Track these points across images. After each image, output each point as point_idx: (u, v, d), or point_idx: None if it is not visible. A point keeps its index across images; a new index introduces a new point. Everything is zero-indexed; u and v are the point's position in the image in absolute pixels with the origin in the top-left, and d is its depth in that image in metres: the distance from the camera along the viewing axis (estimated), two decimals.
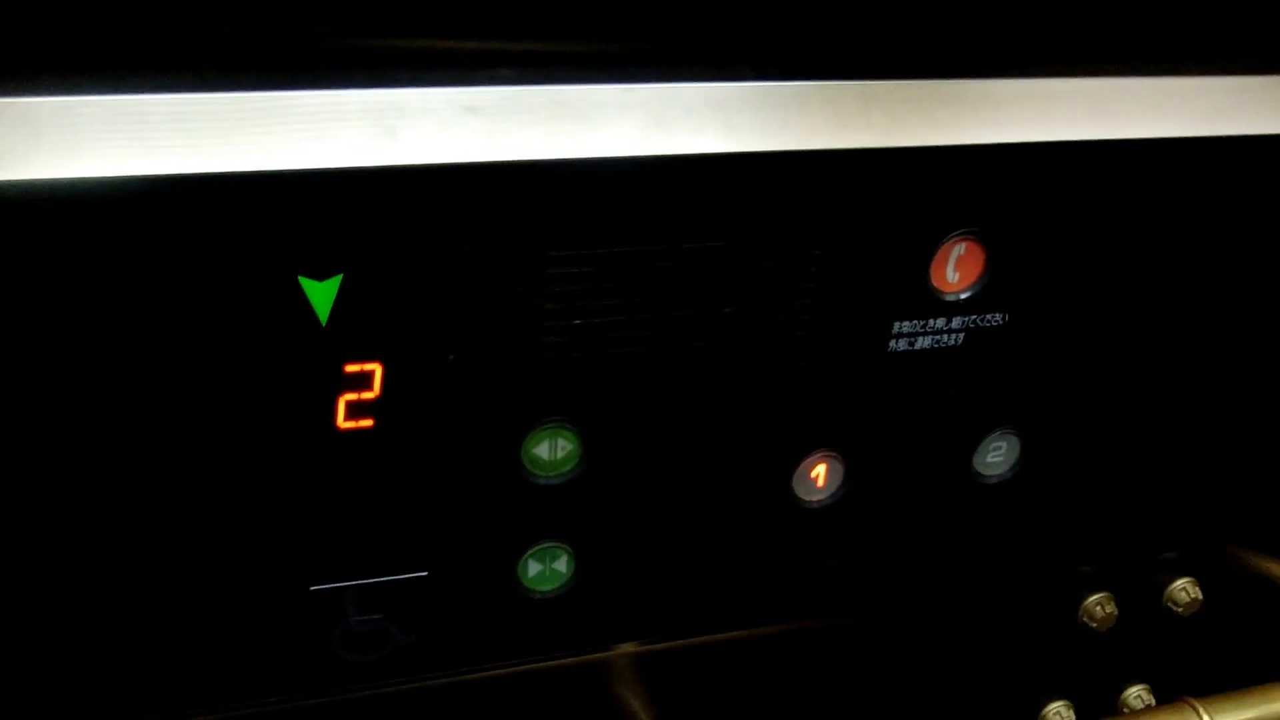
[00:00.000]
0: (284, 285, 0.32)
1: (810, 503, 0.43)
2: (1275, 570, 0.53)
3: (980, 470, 0.45)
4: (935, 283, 0.39)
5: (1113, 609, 0.52)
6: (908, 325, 0.40)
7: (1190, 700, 0.48)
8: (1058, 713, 0.55)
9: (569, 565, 0.41)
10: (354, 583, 0.39)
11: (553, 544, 0.41)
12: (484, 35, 0.32)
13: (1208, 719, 0.47)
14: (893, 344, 0.40)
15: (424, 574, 0.39)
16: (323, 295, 0.33)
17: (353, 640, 0.40)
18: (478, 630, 0.41)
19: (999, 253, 0.40)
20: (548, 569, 0.41)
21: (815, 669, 0.49)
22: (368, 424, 0.36)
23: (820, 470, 0.42)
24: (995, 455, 0.45)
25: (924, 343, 0.40)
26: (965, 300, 0.40)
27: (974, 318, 0.41)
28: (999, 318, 0.41)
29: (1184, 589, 0.53)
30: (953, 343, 0.41)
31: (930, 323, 0.40)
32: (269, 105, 0.30)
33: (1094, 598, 0.52)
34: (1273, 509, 0.52)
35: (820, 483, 0.43)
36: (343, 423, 0.35)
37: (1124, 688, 0.56)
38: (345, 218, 0.32)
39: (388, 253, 0.33)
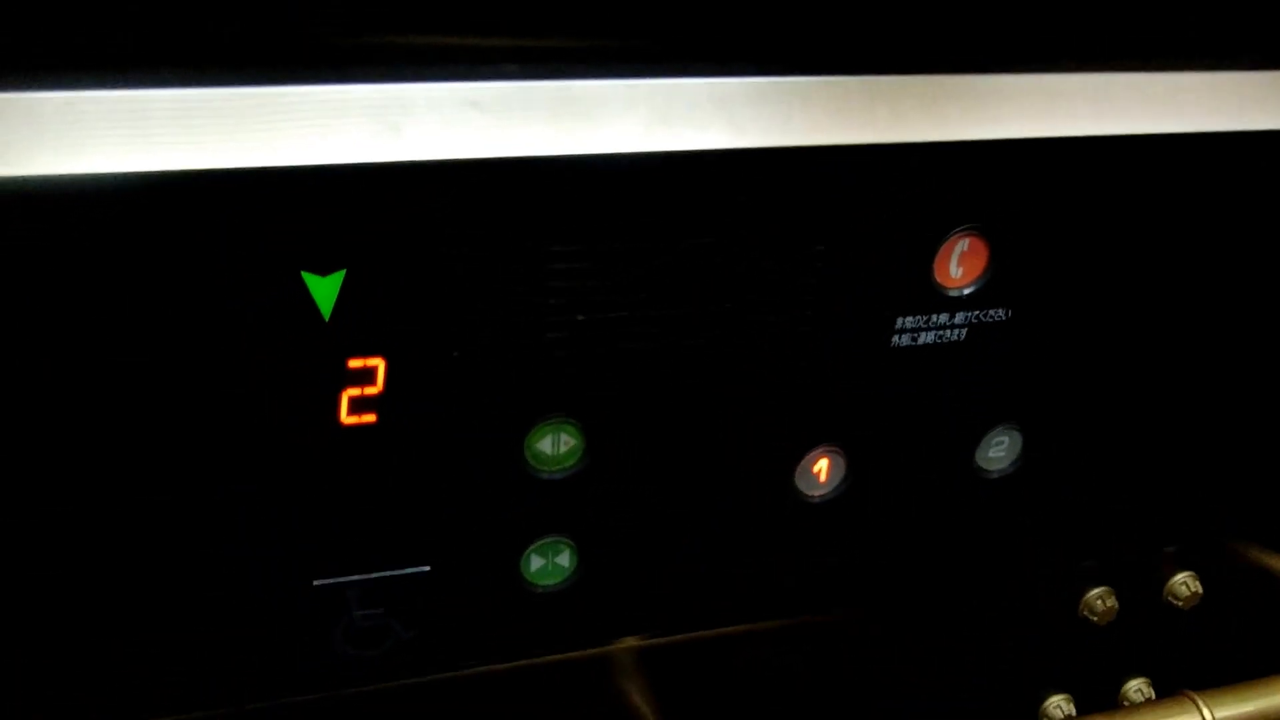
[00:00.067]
0: (287, 281, 0.32)
1: (812, 497, 0.43)
2: (1275, 565, 0.53)
3: (982, 465, 0.45)
4: (938, 278, 0.39)
5: (1113, 603, 0.52)
6: (911, 321, 0.40)
7: (1190, 694, 0.48)
8: (1058, 706, 0.55)
9: (571, 560, 0.41)
10: (356, 578, 0.39)
11: (555, 539, 0.41)
12: (488, 31, 0.32)
13: (1208, 712, 0.47)
14: (895, 339, 0.40)
15: (426, 569, 0.39)
16: (326, 291, 0.33)
17: (355, 635, 0.40)
18: (480, 625, 0.42)
19: (1002, 248, 0.39)
20: (550, 564, 0.41)
21: (817, 663, 0.49)
22: (370, 419, 0.36)
23: (823, 465, 0.42)
24: (997, 450, 0.45)
25: (927, 338, 0.40)
26: (968, 296, 0.40)
27: (977, 313, 0.40)
28: (1002, 313, 0.41)
29: (1184, 583, 0.53)
30: (955, 338, 0.41)
31: (933, 318, 0.40)
32: (272, 101, 0.30)
33: (1095, 592, 0.52)
34: (1273, 504, 0.52)
35: (822, 478, 0.43)
36: (346, 418, 0.35)
37: (1124, 681, 0.56)
38: (348, 213, 0.32)
39: (391, 248, 0.33)
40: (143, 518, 0.35)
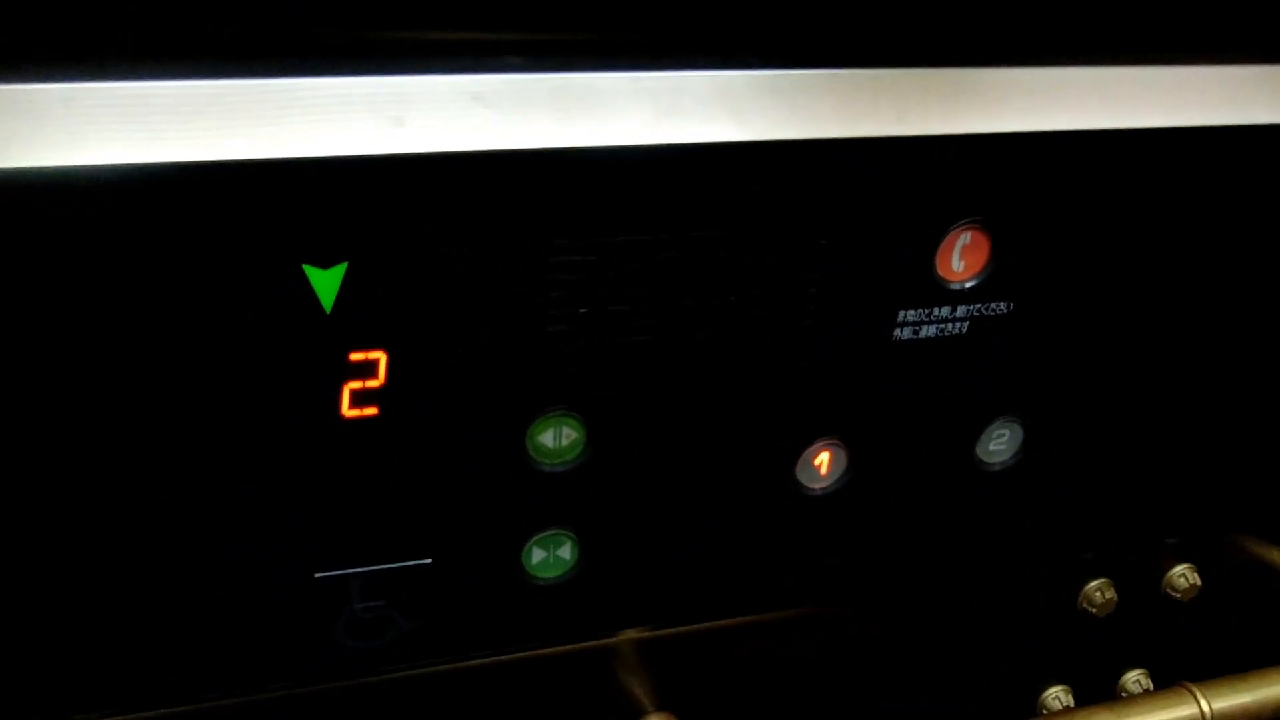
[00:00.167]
0: (289, 274, 0.32)
1: (814, 490, 0.43)
2: (1274, 557, 0.53)
3: (983, 458, 0.45)
4: (940, 272, 0.39)
5: (1112, 595, 0.52)
6: (912, 314, 0.40)
7: (1188, 685, 0.48)
8: (1056, 697, 0.55)
9: (573, 552, 0.41)
10: (358, 570, 0.39)
11: (556, 531, 0.41)
12: (491, 23, 0.32)
13: (1205, 703, 0.48)
14: (897, 333, 0.40)
15: (428, 561, 0.39)
16: (327, 283, 0.33)
17: (356, 627, 0.40)
18: (481, 617, 0.42)
19: (1004, 242, 0.39)
20: (551, 556, 0.41)
21: (818, 655, 0.49)
22: (372, 412, 0.35)
23: (824, 458, 0.42)
24: (998, 443, 0.45)
25: (928, 331, 0.40)
26: (970, 289, 0.40)
27: (978, 306, 0.40)
28: (1003, 307, 0.41)
29: (1183, 575, 0.53)
30: (957, 331, 0.41)
31: (935, 311, 0.40)
32: (274, 93, 0.30)
33: (1094, 584, 0.52)
34: (1272, 497, 0.52)
35: (824, 470, 0.43)
36: (347, 411, 0.35)
37: (1123, 672, 0.56)
38: (350, 206, 0.32)
39: (393, 241, 0.33)
40: (144, 510, 0.35)
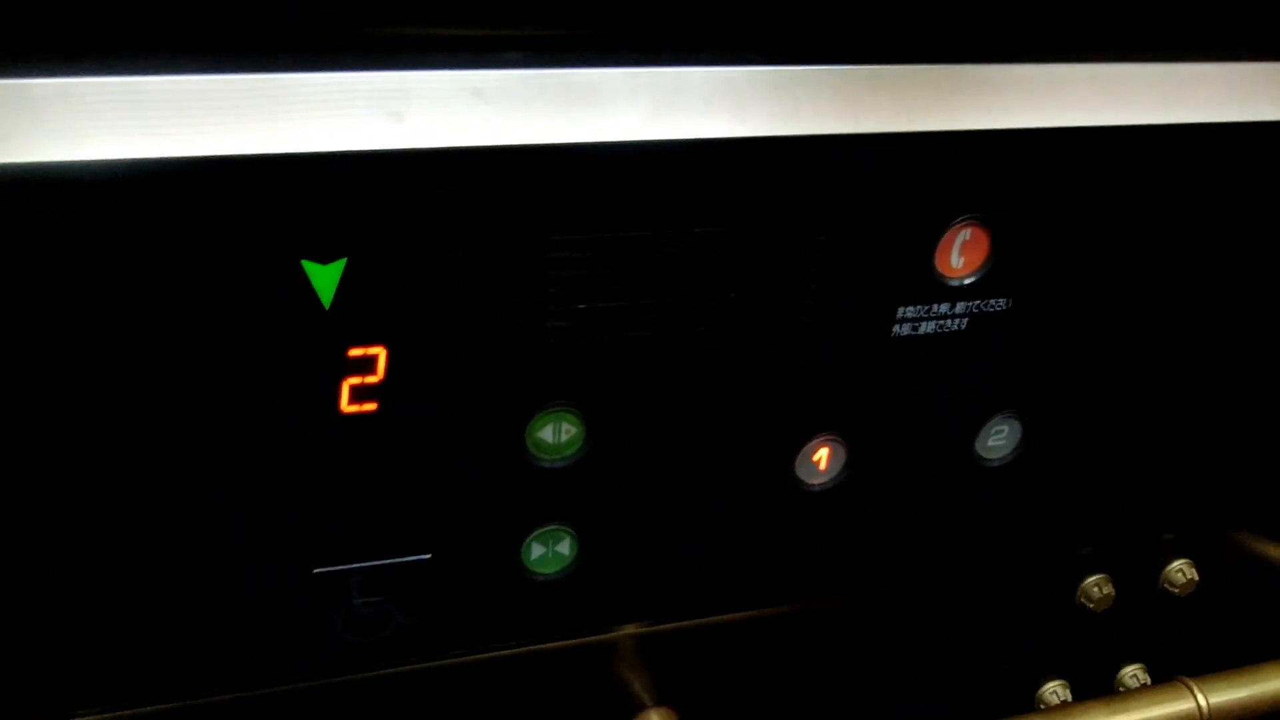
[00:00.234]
0: (288, 269, 0.32)
1: (813, 486, 0.43)
2: (1271, 552, 0.53)
3: (982, 454, 0.45)
4: (940, 268, 0.39)
5: (1110, 590, 0.52)
6: (912, 310, 0.40)
7: (1185, 679, 0.48)
8: (1054, 692, 0.55)
9: (572, 548, 0.41)
10: (357, 565, 0.39)
11: (555, 527, 0.41)
12: (492, 19, 0.32)
13: (1202, 698, 0.48)
14: (897, 329, 0.40)
15: (427, 556, 0.39)
16: (326, 279, 0.33)
17: (355, 622, 0.40)
18: (480, 612, 0.42)
19: (1003, 238, 0.39)
20: (551, 552, 0.41)
21: (816, 649, 0.49)
22: (371, 408, 0.35)
23: (823, 454, 0.42)
24: (997, 439, 0.45)
25: (928, 327, 0.40)
26: (969, 285, 0.40)
27: (978, 303, 0.40)
28: (1002, 303, 0.41)
29: (1180, 570, 0.53)
30: (956, 327, 0.41)
31: (934, 308, 0.40)
32: (274, 88, 0.30)
33: (1092, 579, 0.52)
34: (1269, 492, 0.52)
35: (823, 466, 0.43)
36: (346, 406, 0.35)
37: (1120, 667, 0.57)
38: (350, 201, 0.32)
39: (392, 236, 0.33)
40: (143, 506, 0.35)
